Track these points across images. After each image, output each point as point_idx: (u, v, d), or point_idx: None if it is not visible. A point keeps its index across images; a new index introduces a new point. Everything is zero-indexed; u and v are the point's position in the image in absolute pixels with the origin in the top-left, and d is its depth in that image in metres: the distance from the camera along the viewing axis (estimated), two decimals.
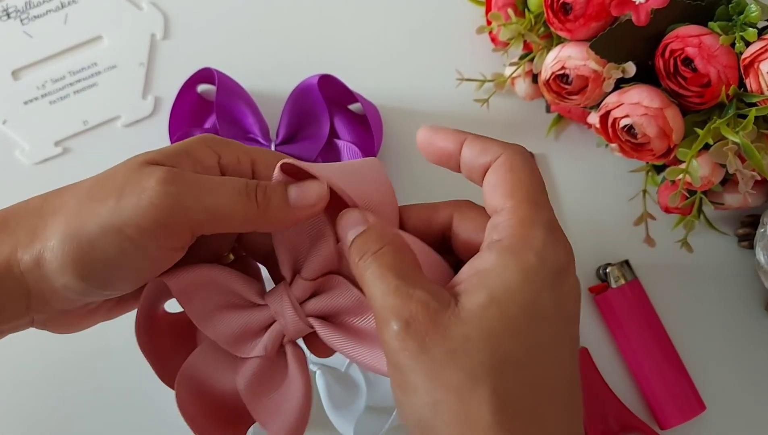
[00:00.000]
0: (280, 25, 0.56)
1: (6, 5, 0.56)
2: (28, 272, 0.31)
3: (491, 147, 0.31)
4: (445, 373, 0.27)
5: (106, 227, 0.29)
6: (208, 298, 0.34)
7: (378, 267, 0.29)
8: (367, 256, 0.30)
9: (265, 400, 0.34)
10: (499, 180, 0.30)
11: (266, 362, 0.34)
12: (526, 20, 0.50)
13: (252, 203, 0.31)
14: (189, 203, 0.29)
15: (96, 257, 0.30)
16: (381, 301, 0.29)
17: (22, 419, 0.50)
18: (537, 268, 0.28)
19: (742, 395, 0.51)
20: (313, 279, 0.33)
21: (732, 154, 0.43)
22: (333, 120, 0.52)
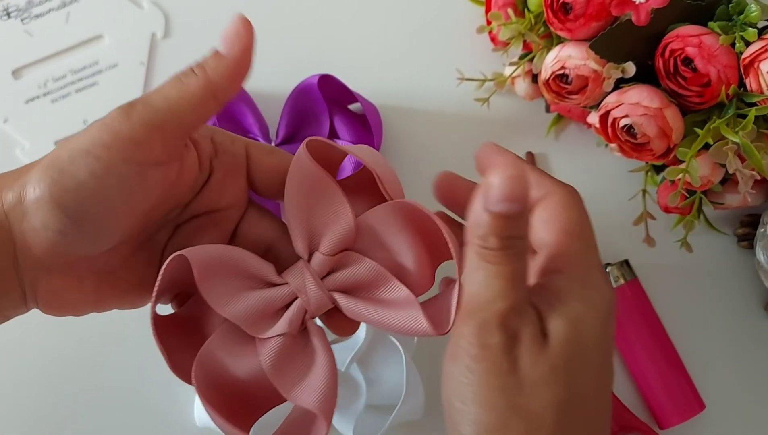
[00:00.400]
0: (280, 25, 0.56)
1: (7, 4, 0.56)
2: (11, 211, 0.31)
3: (545, 182, 0.32)
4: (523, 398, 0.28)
5: (74, 152, 0.30)
6: (227, 278, 0.34)
7: (511, 268, 0.29)
8: (509, 252, 0.29)
9: (293, 376, 0.34)
10: (555, 215, 0.32)
11: (289, 340, 0.34)
12: (526, 20, 0.50)
13: (192, 77, 0.32)
14: (140, 108, 0.31)
15: (68, 184, 0.30)
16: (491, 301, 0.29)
17: (22, 419, 0.50)
18: (600, 304, 0.30)
19: (741, 395, 0.51)
20: (332, 254, 0.34)
21: (732, 153, 0.43)
22: (333, 120, 0.52)
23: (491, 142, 0.34)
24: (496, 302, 0.29)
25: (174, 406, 0.50)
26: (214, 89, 0.32)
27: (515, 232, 0.29)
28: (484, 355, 0.28)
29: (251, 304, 0.34)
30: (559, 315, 0.29)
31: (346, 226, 0.33)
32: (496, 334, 0.28)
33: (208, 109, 0.32)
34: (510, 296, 0.29)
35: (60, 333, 0.51)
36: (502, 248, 0.29)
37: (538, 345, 0.29)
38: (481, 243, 0.29)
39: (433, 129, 0.55)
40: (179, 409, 0.50)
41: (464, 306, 0.30)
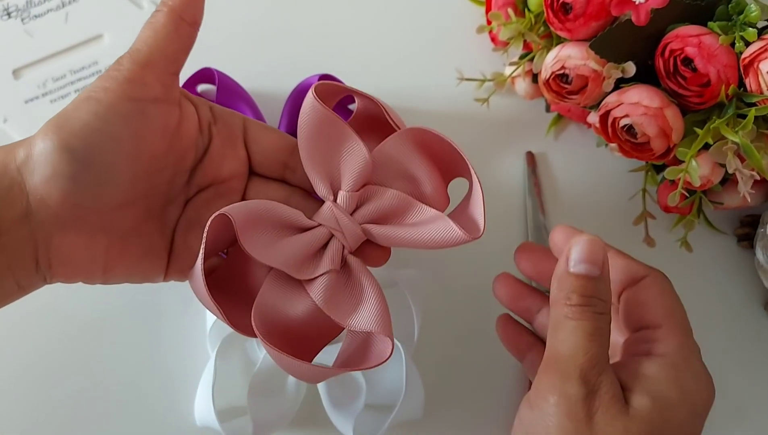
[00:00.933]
0: (280, 25, 0.56)
1: (7, 4, 0.56)
2: (23, 166, 0.33)
3: (636, 265, 0.35)
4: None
5: (76, 101, 0.33)
6: (266, 230, 0.36)
7: (592, 328, 0.31)
8: (589, 312, 0.31)
9: (347, 306, 0.36)
10: (652, 299, 0.33)
11: (334, 275, 0.36)
12: (526, 20, 0.50)
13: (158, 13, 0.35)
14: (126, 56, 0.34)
15: (74, 127, 0.32)
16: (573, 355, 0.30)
17: (20, 419, 0.50)
18: (694, 393, 0.31)
19: (740, 395, 0.51)
20: (355, 190, 0.36)
21: (731, 153, 0.43)
22: None
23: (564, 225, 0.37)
24: (578, 356, 0.30)
25: (174, 406, 0.50)
26: (180, 12, 0.35)
27: (595, 292, 0.31)
28: (563, 402, 0.30)
29: (293, 249, 0.36)
30: (647, 392, 0.30)
31: (363, 161, 0.35)
32: (576, 385, 0.30)
33: (183, 33, 0.35)
34: (590, 350, 0.30)
35: (59, 332, 0.51)
36: (583, 305, 0.31)
37: (617, 407, 0.30)
38: (564, 301, 0.31)
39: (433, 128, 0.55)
40: (179, 409, 0.50)
41: (546, 359, 0.31)
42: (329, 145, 0.36)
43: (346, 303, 0.36)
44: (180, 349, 0.50)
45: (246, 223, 0.35)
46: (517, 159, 0.54)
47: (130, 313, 0.51)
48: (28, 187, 0.33)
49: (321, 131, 0.36)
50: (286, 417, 0.47)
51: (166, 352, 0.51)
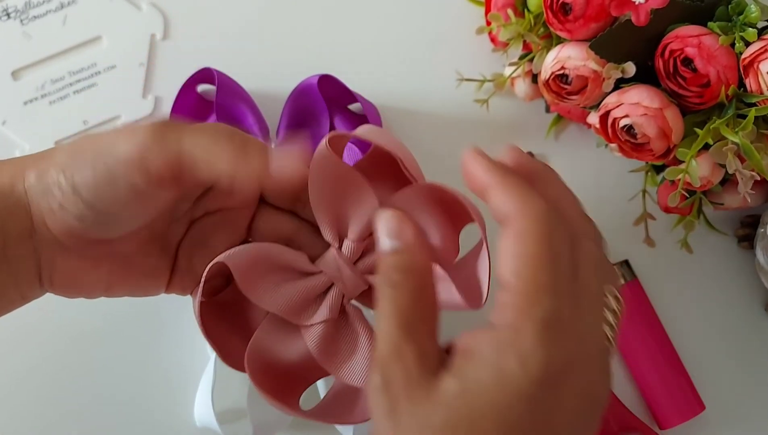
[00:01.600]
0: (280, 25, 0.56)
1: (5, 6, 0.56)
2: (31, 189, 0.33)
3: (511, 202, 0.28)
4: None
5: (100, 149, 0.32)
6: (265, 274, 0.35)
7: (389, 303, 0.28)
8: (387, 285, 0.29)
9: (340, 356, 0.36)
10: (508, 248, 0.27)
11: (331, 324, 0.36)
12: (526, 21, 0.50)
13: (228, 153, 0.31)
14: (171, 137, 0.31)
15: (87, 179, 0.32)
16: (379, 338, 0.28)
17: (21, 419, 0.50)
18: (515, 376, 0.25)
19: (741, 395, 0.51)
20: (361, 240, 0.35)
21: (731, 154, 0.43)
22: (333, 120, 0.52)
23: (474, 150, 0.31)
24: (379, 343, 0.28)
25: (174, 406, 0.50)
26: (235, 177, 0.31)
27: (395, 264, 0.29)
28: (370, 397, 0.28)
29: (292, 295, 0.35)
30: (457, 374, 0.26)
31: (371, 212, 0.34)
32: (375, 375, 0.27)
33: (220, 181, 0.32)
34: (390, 337, 0.28)
35: (59, 333, 0.51)
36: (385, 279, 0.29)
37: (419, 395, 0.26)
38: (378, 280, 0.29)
39: (432, 130, 0.55)
40: (179, 410, 0.50)
41: None
42: (339, 193, 0.35)
43: (340, 353, 0.36)
44: (180, 351, 0.50)
45: (246, 269, 0.35)
46: None
47: (130, 315, 0.51)
48: (33, 211, 0.33)
49: (332, 180, 0.35)
50: (285, 419, 0.47)
51: (166, 353, 0.50)
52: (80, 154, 0.32)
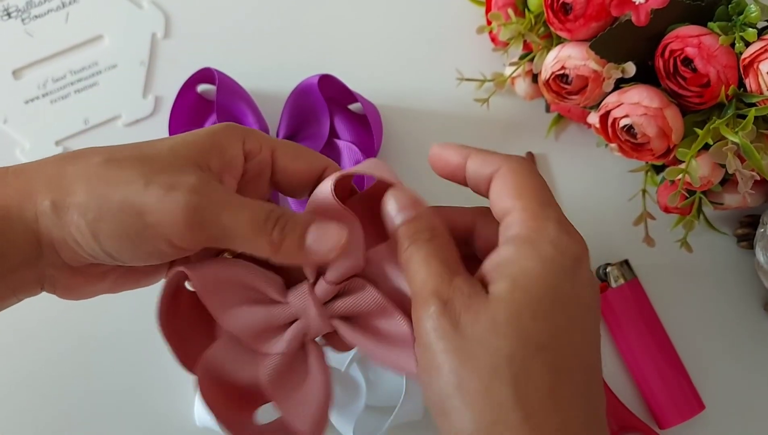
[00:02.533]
0: (280, 25, 0.56)
1: (7, 5, 0.56)
2: (44, 216, 0.31)
3: (493, 158, 0.32)
4: (472, 353, 0.28)
5: (127, 205, 0.30)
6: (230, 293, 0.34)
7: (426, 252, 0.31)
8: (419, 242, 0.31)
9: (289, 393, 0.35)
10: (504, 185, 0.32)
11: (288, 358, 0.35)
12: (526, 20, 0.50)
13: (266, 237, 0.31)
14: (208, 217, 0.30)
15: (109, 227, 0.31)
16: (423, 283, 0.30)
17: (21, 419, 0.50)
18: (554, 256, 0.29)
19: (741, 395, 0.51)
20: (337, 283, 0.33)
21: (731, 154, 0.43)
22: (333, 120, 0.52)
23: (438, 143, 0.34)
24: (425, 284, 0.30)
25: (174, 406, 0.50)
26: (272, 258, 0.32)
27: (417, 228, 0.31)
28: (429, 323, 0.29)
29: (253, 320, 0.34)
30: (503, 276, 0.29)
31: (355, 263, 0.33)
32: (432, 304, 0.29)
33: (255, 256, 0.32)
34: (432, 270, 0.30)
35: (59, 333, 0.51)
36: (412, 243, 0.31)
37: (477, 302, 0.29)
38: (401, 251, 0.31)
39: (432, 129, 0.55)
40: (179, 409, 0.50)
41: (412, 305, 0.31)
42: None
43: (289, 390, 0.35)
44: None
45: (209, 284, 0.33)
46: None
47: (130, 315, 0.51)
48: (44, 239, 0.31)
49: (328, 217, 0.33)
50: None
51: (166, 353, 0.50)
52: (106, 204, 0.30)
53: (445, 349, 0.29)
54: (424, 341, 0.29)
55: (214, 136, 0.33)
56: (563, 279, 0.29)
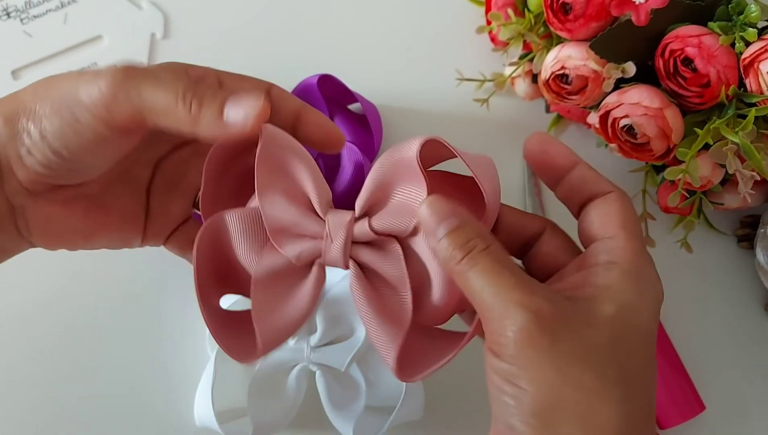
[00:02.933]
0: (280, 25, 0.56)
1: (6, 5, 0.56)
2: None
3: (603, 181, 0.34)
4: (574, 370, 0.28)
5: (65, 95, 0.32)
6: (282, 174, 0.34)
7: (492, 263, 0.30)
8: (475, 253, 0.30)
9: (269, 299, 0.34)
10: (612, 210, 0.33)
11: (289, 268, 0.34)
12: (526, 20, 0.50)
13: (186, 109, 0.32)
14: (130, 89, 0.32)
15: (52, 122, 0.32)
16: (500, 296, 0.29)
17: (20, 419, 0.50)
18: (653, 297, 0.31)
19: (741, 395, 0.51)
20: (377, 234, 0.33)
21: (731, 154, 0.43)
22: (333, 120, 0.52)
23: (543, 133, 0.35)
24: (505, 294, 0.29)
25: (174, 406, 0.50)
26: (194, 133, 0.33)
27: (468, 237, 0.31)
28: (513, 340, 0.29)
29: (285, 215, 0.34)
30: (610, 300, 0.30)
31: (404, 225, 0.33)
32: (521, 315, 0.29)
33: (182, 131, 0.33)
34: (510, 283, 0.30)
35: (58, 332, 0.51)
36: (467, 252, 0.30)
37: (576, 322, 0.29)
38: (454, 263, 0.31)
39: (432, 129, 0.54)
40: (179, 409, 0.50)
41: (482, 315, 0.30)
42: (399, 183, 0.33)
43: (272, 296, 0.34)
44: (180, 350, 0.50)
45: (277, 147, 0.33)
46: (518, 159, 0.54)
47: (130, 315, 0.51)
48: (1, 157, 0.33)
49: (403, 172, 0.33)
50: (285, 418, 0.47)
51: (166, 353, 0.50)
52: (47, 99, 0.33)
53: (542, 363, 0.28)
54: (511, 353, 0.29)
55: None
56: (653, 318, 0.31)
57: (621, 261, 0.31)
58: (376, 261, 0.34)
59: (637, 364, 0.30)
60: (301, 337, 0.47)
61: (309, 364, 0.46)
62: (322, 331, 0.46)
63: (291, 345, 0.47)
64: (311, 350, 0.46)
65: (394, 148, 0.33)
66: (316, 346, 0.46)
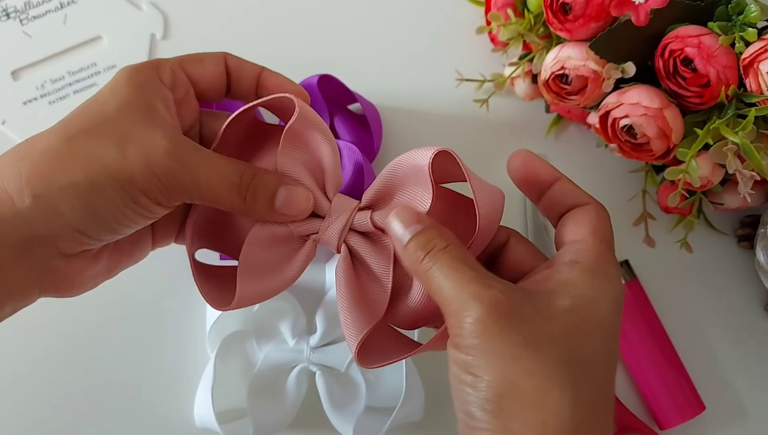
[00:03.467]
0: (280, 25, 0.56)
1: (5, 5, 0.56)
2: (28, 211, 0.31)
3: (583, 194, 0.36)
4: (527, 359, 0.29)
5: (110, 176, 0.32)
6: (304, 146, 0.35)
7: (451, 260, 0.31)
8: (435, 251, 0.32)
9: (255, 265, 0.35)
10: (587, 219, 0.35)
11: (285, 236, 0.36)
12: (526, 20, 0.50)
13: (239, 198, 0.34)
14: (185, 178, 0.33)
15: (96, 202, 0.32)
16: (458, 289, 0.31)
17: (19, 419, 0.50)
18: (611, 294, 0.32)
19: (741, 395, 0.51)
20: (376, 228, 0.35)
21: (731, 154, 0.43)
22: (333, 120, 0.52)
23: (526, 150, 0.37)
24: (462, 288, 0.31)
25: (174, 406, 0.50)
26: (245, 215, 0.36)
27: (430, 238, 0.32)
28: (468, 331, 0.30)
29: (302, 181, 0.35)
30: (567, 294, 0.31)
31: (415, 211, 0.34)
32: (475, 307, 0.30)
33: None
34: (467, 277, 0.31)
35: (59, 334, 0.51)
36: (428, 251, 0.32)
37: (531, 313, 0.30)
38: (417, 264, 0.32)
39: (432, 129, 0.55)
40: (179, 410, 0.50)
41: (443, 310, 0.31)
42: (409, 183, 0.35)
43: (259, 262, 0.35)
44: (180, 351, 0.50)
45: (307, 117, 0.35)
46: None
47: (130, 315, 0.51)
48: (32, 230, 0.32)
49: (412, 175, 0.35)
50: (286, 418, 0.47)
51: (166, 353, 0.50)
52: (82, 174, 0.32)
53: (494, 353, 0.30)
54: (467, 344, 0.30)
55: (141, 89, 0.34)
56: (612, 313, 0.32)
57: (584, 260, 0.33)
58: (366, 251, 0.35)
59: (594, 353, 0.31)
60: (301, 337, 0.47)
61: (309, 364, 0.46)
62: (322, 332, 0.46)
63: (291, 345, 0.47)
64: (311, 351, 0.46)
65: (411, 153, 0.35)
66: (316, 346, 0.46)
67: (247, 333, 0.48)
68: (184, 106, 0.37)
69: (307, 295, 0.49)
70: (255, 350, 0.48)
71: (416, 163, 0.34)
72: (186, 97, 0.37)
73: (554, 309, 0.31)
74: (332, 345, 0.47)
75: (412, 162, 0.34)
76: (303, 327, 0.47)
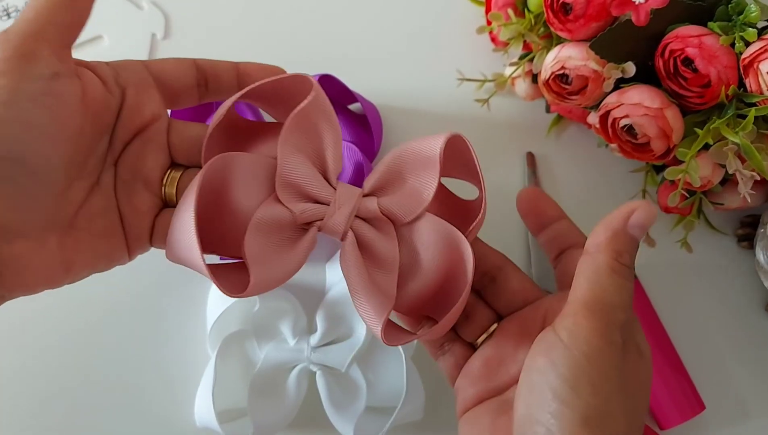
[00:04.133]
0: (281, 25, 0.56)
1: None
2: None
3: (583, 238, 0.37)
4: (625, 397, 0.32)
5: None
6: (308, 133, 0.35)
7: (630, 284, 0.33)
8: (631, 272, 0.33)
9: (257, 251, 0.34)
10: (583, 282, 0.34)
11: (288, 221, 0.35)
12: (526, 20, 0.50)
13: None
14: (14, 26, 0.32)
15: None
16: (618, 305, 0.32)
17: (19, 418, 0.50)
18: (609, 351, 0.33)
19: (741, 395, 0.51)
20: (384, 213, 0.35)
21: (732, 154, 0.43)
22: None
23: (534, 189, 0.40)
24: (622, 311, 0.32)
25: (174, 406, 0.50)
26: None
27: (635, 256, 0.34)
28: (609, 350, 0.31)
29: (300, 172, 0.34)
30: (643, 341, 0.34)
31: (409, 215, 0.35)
32: (618, 337, 0.32)
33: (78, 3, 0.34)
34: (628, 311, 0.33)
35: (60, 333, 0.51)
36: (630, 266, 0.33)
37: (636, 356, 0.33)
38: (616, 256, 0.33)
39: (433, 129, 0.55)
40: (179, 409, 0.50)
41: (588, 303, 0.32)
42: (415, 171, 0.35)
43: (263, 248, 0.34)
44: (180, 351, 0.50)
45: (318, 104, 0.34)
46: (518, 159, 0.54)
47: (130, 315, 0.51)
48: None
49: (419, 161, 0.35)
50: (286, 418, 0.47)
51: (167, 353, 0.51)
52: None
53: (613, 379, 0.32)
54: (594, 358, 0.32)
55: None
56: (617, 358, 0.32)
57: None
58: (373, 237, 0.35)
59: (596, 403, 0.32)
60: (302, 337, 0.47)
61: (309, 364, 0.46)
62: (322, 331, 0.46)
63: (291, 345, 0.47)
64: (311, 350, 0.46)
65: (418, 140, 0.35)
66: (317, 346, 0.46)
67: (247, 333, 0.48)
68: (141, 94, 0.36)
69: (308, 295, 0.49)
70: (255, 350, 0.48)
71: (423, 149, 0.34)
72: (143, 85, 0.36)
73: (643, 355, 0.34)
74: (333, 345, 0.47)
75: (419, 149, 0.34)
76: (303, 327, 0.47)
